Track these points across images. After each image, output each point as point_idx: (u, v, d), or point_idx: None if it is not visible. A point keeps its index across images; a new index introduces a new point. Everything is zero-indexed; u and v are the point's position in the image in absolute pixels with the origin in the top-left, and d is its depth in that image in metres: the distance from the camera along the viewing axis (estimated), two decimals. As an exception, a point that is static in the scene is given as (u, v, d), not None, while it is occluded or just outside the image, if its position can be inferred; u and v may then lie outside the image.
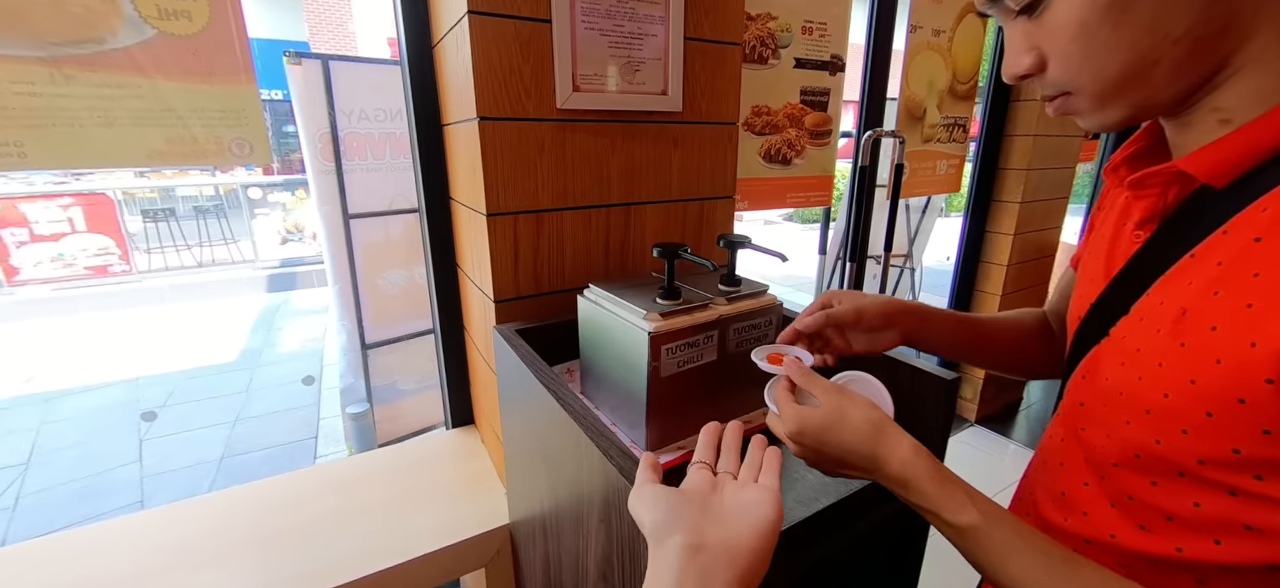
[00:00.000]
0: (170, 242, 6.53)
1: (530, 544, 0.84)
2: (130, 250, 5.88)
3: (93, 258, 5.66)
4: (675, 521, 0.35)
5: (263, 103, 1.01)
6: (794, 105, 1.62)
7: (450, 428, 1.22)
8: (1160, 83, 0.36)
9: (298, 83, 1.52)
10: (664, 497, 0.37)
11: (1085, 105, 0.39)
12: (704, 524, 0.35)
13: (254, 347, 4.16)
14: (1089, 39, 0.36)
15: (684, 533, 0.34)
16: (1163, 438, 0.37)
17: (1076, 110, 0.40)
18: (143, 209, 6.70)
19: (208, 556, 0.87)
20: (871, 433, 0.44)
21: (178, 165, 0.98)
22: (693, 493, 0.38)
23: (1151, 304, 0.39)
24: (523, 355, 0.71)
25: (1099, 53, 0.36)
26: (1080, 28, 0.36)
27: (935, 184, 2.24)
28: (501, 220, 0.82)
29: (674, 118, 0.92)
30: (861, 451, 0.44)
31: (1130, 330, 0.41)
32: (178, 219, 6.72)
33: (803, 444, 0.47)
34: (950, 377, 0.65)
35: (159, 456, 2.78)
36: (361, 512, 0.96)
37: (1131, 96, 0.37)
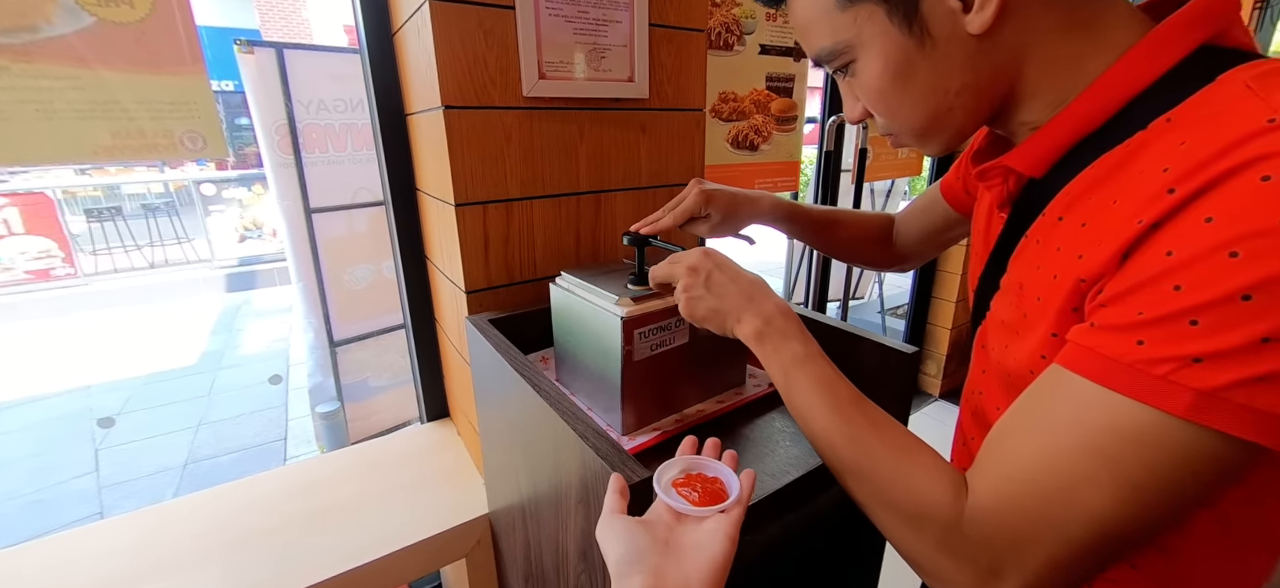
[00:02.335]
0: (118, 242, 6.20)
1: (510, 532, 0.85)
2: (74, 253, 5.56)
3: (33, 261, 5.34)
4: (637, 561, 0.36)
5: (214, 94, 0.97)
6: (760, 91, 1.64)
7: (425, 422, 1.21)
8: (961, 122, 0.44)
9: (251, 72, 1.46)
10: (628, 534, 0.38)
11: (908, 142, 0.48)
12: (663, 566, 0.36)
13: (215, 349, 4.00)
14: (888, 99, 0.44)
15: (644, 576, 0.35)
16: None
17: (905, 145, 0.49)
18: (86, 209, 6.33)
19: (175, 563, 0.84)
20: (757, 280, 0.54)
21: (127, 160, 0.94)
22: (655, 528, 0.39)
23: (1008, 280, 0.45)
24: (496, 345, 0.71)
25: (900, 109, 0.44)
26: (879, 92, 0.43)
27: (897, 168, 2.30)
28: (470, 210, 0.81)
29: (641, 105, 0.92)
30: (754, 278, 0.53)
31: (999, 304, 0.46)
32: (125, 218, 6.38)
33: (711, 259, 0.54)
34: (911, 351, 0.68)
35: (117, 464, 2.67)
36: (336, 509, 0.95)
37: (941, 135, 0.45)
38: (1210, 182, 0.28)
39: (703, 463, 0.46)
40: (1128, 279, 0.31)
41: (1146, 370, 0.29)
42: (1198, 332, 0.28)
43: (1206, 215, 0.28)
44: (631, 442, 0.65)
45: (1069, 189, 0.39)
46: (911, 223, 0.76)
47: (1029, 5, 0.38)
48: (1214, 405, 0.28)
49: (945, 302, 2.63)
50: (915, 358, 0.68)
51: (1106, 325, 0.32)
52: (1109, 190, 0.35)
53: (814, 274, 2.13)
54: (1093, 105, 0.37)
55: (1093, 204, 0.36)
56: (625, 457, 0.47)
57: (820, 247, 0.80)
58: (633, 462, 0.46)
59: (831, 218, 0.78)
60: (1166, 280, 0.29)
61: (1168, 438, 0.29)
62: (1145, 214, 0.30)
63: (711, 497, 0.42)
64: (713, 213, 0.68)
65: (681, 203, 0.68)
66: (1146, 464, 0.30)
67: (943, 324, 2.66)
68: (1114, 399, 0.31)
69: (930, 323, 2.71)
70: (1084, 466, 0.31)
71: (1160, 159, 0.31)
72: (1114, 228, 0.32)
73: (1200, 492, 0.30)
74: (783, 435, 0.68)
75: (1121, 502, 0.31)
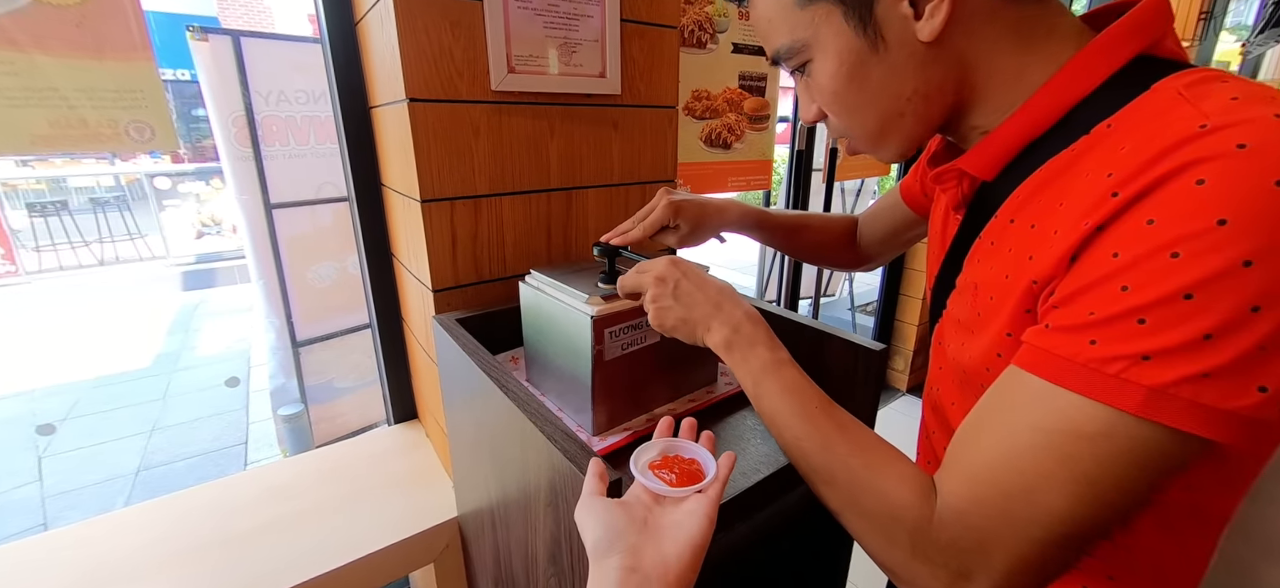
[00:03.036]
0: (64, 239, 5.87)
1: (480, 536, 0.83)
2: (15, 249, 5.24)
3: (-33, 258, 5.01)
4: (615, 541, 0.36)
5: (168, 84, 0.93)
6: (733, 90, 1.65)
7: (392, 424, 1.18)
8: (912, 127, 0.44)
9: (205, 61, 1.39)
10: (606, 515, 0.38)
11: (862, 146, 0.48)
12: (641, 546, 0.36)
13: (170, 350, 3.83)
14: (841, 101, 0.44)
15: (622, 555, 0.35)
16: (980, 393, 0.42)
17: (857, 150, 0.49)
18: (28, 203, 5.97)
19: (127, 574, 0.80)
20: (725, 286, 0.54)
21: (68, 151, 0.88)
22: (634, 509, 0.39)
23: (964, 279, 0.46)
24: (464, 345, 0.69)
25: (853, 111, 0.44)
26: (834, 93, 0.44)
27: (867, 168, 2.35)
28: (437, 207, 0.79)
29: (613, 101, 0.91)
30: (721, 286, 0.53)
31: (954, 303, 0.47)
32: (72, 213, 6.04)
33: (678, 268, 0.54)
34: (879, 348, 0.69)
35: (63, 473, 2.52)
36: (300, 515, 0.92)
37: (893, 140, 0.46)
38: (1150, 185, 0.29)
39: (680, 445, 0.46)
40: (1077, 280, 0.32)
41: (1100, 369, 0.30)
42: (1145, 330, 0.29)
43: (1148, 218, 0.29)
44: (603, 442, 0.65)
45: (1019, 192, 0.40)
46: (874, 224, 0.78)
47: (976, 16, 0.39)
48: (1163, 402, 0.29)
49: (912, 299, 2.70)
50: (884, 355, 0.69)
51: (1059, 326, 0.33)
52: (1055, 192, 0.36)
53: (786, 273, 2.15)
54: (1038, 111, 0.39)
55: (1040, 206, 0.37)
56: (594, 459, 0.46)
57: (788, 251, 0.81)
58: (602, 464, 0.46)
59: (797, 223, 0.79)
60: (1114, 281, 0.30)
61: (1121, 434, 0.30)
62: (1091, 216, 0.31)
63: (689, 478, 0.42)
64: (681, 223, 0.68)
65: (650, 214, 0.68)
66: (1101, 461, 0.30)
67: (910, 321, 2.73)
68: (1069, 398, 0.31)
69: (898, 319, 2.78)
70: (1043, 464, 0.32)
71: (1103, 163, 0.33)
72: (1062, 229, 0.33)
73: (1152, 485, 0.31)
74: (753, 434, 0.69)
75: (1079, 499, 0.31)
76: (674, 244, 0.69)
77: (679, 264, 0.55)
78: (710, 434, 0.47)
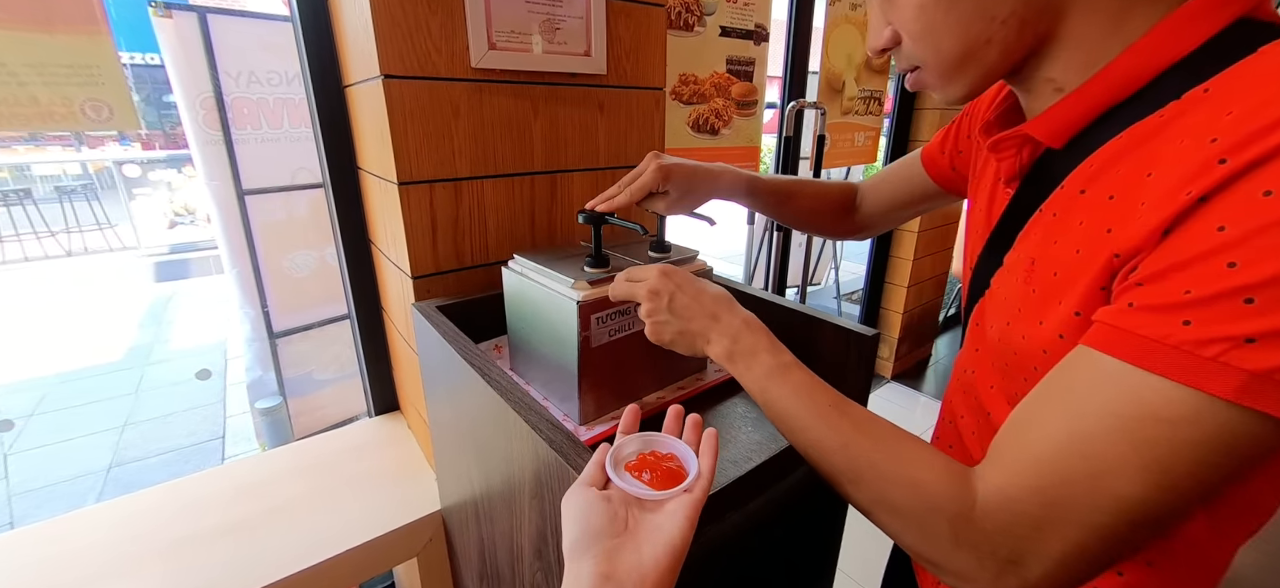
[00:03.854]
0: (28, 228, 5.65)
1: (464, 530, 0.81)
2: (-25, 239, 5.04)
3: (-76, 249, 4.79)
4: (591, 542, 0.35)
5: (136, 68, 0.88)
6: (721, 74, 1.62)
7: (373, 416, 1.14)
8: (993, 60, 0.41)
9: (169, 39, 1.32)
10: (588, 511, 0.37)
11: (932, 79, 0.44)
12: (618, 549, 0.35)
13: (143, 343, 3.71)
14: (928, 19, 0.41)
15: (596, 560, 0.34)
16: (1030, 376, 0.40)
17: (926, 84, 0.45)
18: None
19: (101, 572, 0.76)
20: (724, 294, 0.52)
21: (19, 130, 0.83)
22: (616, 507, 0.37)
23: (1015, 256, 0.44)
24: (444, 332, 0.66)
25: (938, 32, 0.41)
26: (920, 9, 0.41)
27: (854, 155, 2.35)
28: (415, 190, 0.76)
29: (598, 81, 0.88)
30: (717, 294, 0.51)
31: (1001, 282, 0.45)
32: (36, 202, 5.82)
33: (671, 280, 0.51)
34: (870, 333, 0.68)
35: (29, 471, 2.44)
36: (279, 509, 0.88)
37: (969, 72, 0.42)
38: (1267, 153, 0.27)
39: (660, 440, 0.43)
40: (1171, 255, 0.29)
41: (1194, 352, 0.28)
42: (1253, 310, 0.27)
43: (1265, 189, 0.27)
44: (589, 432, 0.63)
45: (1093, 160, 0.37)
46: (880, 190, 0.75)
47: None
48: (1265, 387, 0.27)
49: (897, 287, 2.72)
50: (875, 340, 0.68)
51: (1146, 305, 0.30)
52: (1139, 161, 0.33)
53: (773, 261, 2.15)
54: (1122, 73, 0.36)
55: (1121, 176, 0.35)
56: (581, 449, 0.45)
57: (780, 217, 0.78)
58: (587, 453, 0.44)
59: (791, 188, 0.77)
60: (1219, 257, 0.28)
61: (1208, 421, 0.28)
62: (1192, 186, 0.29)
63: (669, 477, 0.40)
64: (671, 188, 0.64)
65: (638, 178, 0.64)
66: (1180, 447, 0.29)
67: (895, 309, 2.75)
68: (1150, 380, 0.29)
69: (883, 307, 2.80)
70: (1114, 450, 0.30)
71: (1205, 129, 0.30)
72: (1153, 201, 0.31)
73: (1233, 473, 0.29)
74: (743, 421, 0.67)
75: (1152, 485, 0.29)
76: (663, 210, 0.66)
77: (672, 275, 0.52)
78: (696, 418, 0.45)
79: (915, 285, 2.71)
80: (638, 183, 0.63)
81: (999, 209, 0.48)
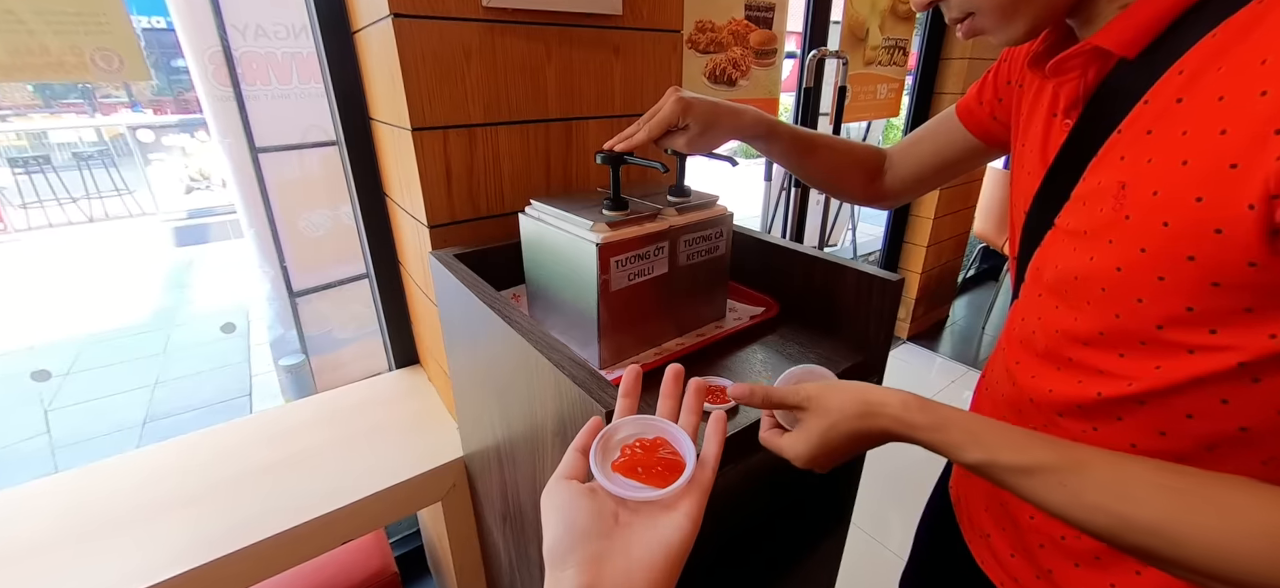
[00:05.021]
0: (50, 195, 5.74)
1: (486, 474, 0.83)
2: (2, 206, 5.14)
3: (-47, 216, 4.91)
4: (574, 548, 0.30)
5: (147, 33, 0.87)
6: (739, 21, 1.56)
7: (393, 369, 1.16)
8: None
9: (176, -10, 1.30)
10: (570, 508, 0.32)
11: (990, 22, 0.42)
12: (605, 554, 0.30)
13: (168, 305, 3.80)
14: None
15: (577, 570, 0.29)
16: (1122, 311, 0.38)
17: (982, 29, 0.42)
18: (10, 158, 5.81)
19: (137, 513, 0.80)
20: (860, 412, 0.42)
21: (32, 79, 0.83)
22: (603, 500, 0.33)
23: (1090, 186, 0.40)
24: (463, 279, 0.66)
25: None
26: None
27: (876, 108, 2.27)
28: (429, 136, 0.74)
29: (614, 22, 0.85)
30: (859, 432, 0.42)
31: (1074, 215, 0.41)
32: (56, 169, 5.89)
33: (816, 460, 0.44)
34: (896, 278, 0.66)
35: (70, 425, 2.54)
36: (307, 456, 0.91)
37: (1028, 11, 0.40)
38: None
39: (654, 424, 0.37)
40: None
41: None
42: None
43: None
44: (609, 376, 0.63)
45: (1183, 64, 0.34)
46: (913, 151, 0.70)
47: None
48: None
49: (917, 247, 2.67)
50: (898, 286, 0.67)
51: None
52: (1248, 52, 0.31)
53: (790, 218, 2.11)
54: None
55: (1228, 73, 0.32)
56: (604, 384, 0.44)
57: (801, 172, 0.74)
58: (613, 390, 0.43)
59: (816, 141, 0.72)
60: None
61: None
62: None
63: (665, 470, 0.34)
64: (691, 124, 0.62)
65: (657, 113, 0.61)
66: None
67: (913, 269, 2.71)
68: None
69: (902, 267, 2.76)
70: None
71: None
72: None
73: None
74: (764, 368, 0.67)
75: None
76: (682, 147, 0.63)
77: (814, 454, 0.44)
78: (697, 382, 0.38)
79: (935, 245, 2.65)
80: (657, 118, 0.61)
81: (1056, 145, 0.45)
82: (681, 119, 0.61)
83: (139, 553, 0.73)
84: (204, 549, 0.73)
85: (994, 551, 0.54)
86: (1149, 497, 0.32)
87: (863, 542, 1.61)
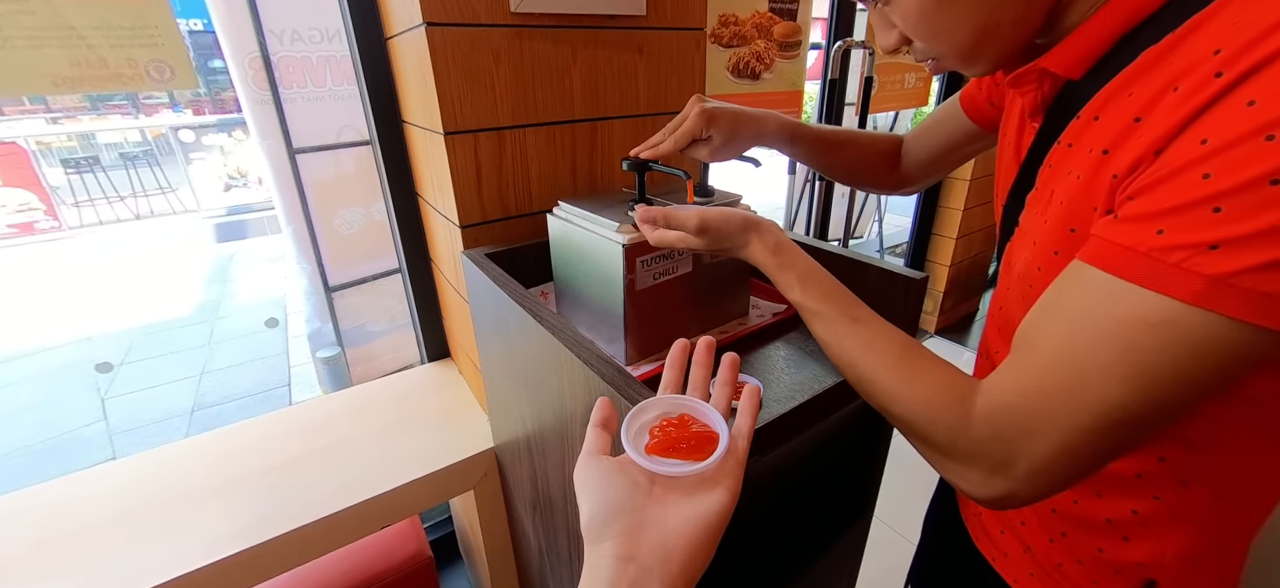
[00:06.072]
0: (100, 194, 6.04)
1: (516, 464, 0.86)
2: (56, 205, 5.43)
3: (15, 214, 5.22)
4: (610, 523, 0.31)
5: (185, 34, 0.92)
6: (763, 14, 1.55)
7: (425, 363, 1.21)
8: (1009, 35, 0.40)
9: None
10: (605, 484, 0.32)
11: (954, 65, 0.44)
12: (640, 526, 0.31)
13: (211, 299, 3.98)
14: (930, 22, 0.41)
15: (615, 542, 0.30)
16: None
17: (949, 68, 0.45)
18: (62, 159, 6.13)
19: (189, 498, 0.86)
20: (744, 224, 0.51)
21: (92, 91, 0.89)
22: (637, 475, 0.33)
23: (1036, 192, 0.43)
24: (495, 278, 0.69)
25: (944, 29, 0.41)
26: (920, 15, 0.41)
27: (903, 98, 2.22)
28: (460, 140, 0.77)
29: (638, 22, 0.86)
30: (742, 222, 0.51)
31: (1026, 217, 0.44)
32: (104, 169, 6.19)
33: (707, 222, 0.51)
34: (919, 276, 0.66)
35: (125, 412, 2.70)
36: (344, 446, 0.96)
37: (989, 52, 0.42)
38: (1260, 62, 0.26)
39: (686, 403, 0.37)
40: (1159, 170, 0.30)
41: (1161, 258, 0.29)
42: (1219, 219, 0.27)
43: (1249, 99, 0.26)
44: (634, 373, 0.65)
45: (1108, 87, 0.36)
46: (923, 140, 0.72)
47: None
48: (1222, 291, 0.27)
49: (945, 238, 2.61)
50: (923, 284, 0.67)
51: (1128, 216, 0.31)
52: (1149, 81, 0.33)
53: (814, 212, 2.09)
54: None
55: (1130, 99, 0.34)
56: (630, 380, 0.46)
57: (824, 169, 0.76)
58: (639, 386, 0.45)
59: (838, 138, 0.74)
60: (1196, 169, 0.28)
61: (1178, 325, 0.29)
62: (1187, 103, 0.29)
63: (698, 444, 0.34)
64: (714, 134, 0.63)
65: (682, 124, 0.63)
66: (1158, 351, 0.30)
67: (942, 261, 2.65)
68: (1126, 288, 0.31)
69: (929, 259, 2.70)
70: (1099, 355, 0.32)
71: (1212, 40, 0.29)
72: (1151, 119, 0.31)
73: (1213, 379, 0.30)
74: (787, 363, 0.68)
75: (1133, 389, 0.31)
76: (706, 157, 0.65)
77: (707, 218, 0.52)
78: (731, 356, 0.40)
79: (964, 237, 2.59)
80: (682, 129, 0.63)
81: (1027, 144, 0.47)
82: (705, 130, 0.63)
83: (191, 536, 0.79)
84: (251, 533, 0.78)
85: (984, 527, 0.56)
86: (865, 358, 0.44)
87: (884, 534, 1.60)
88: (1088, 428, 0.32)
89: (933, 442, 0.40)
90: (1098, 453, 0.33)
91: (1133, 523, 0.43)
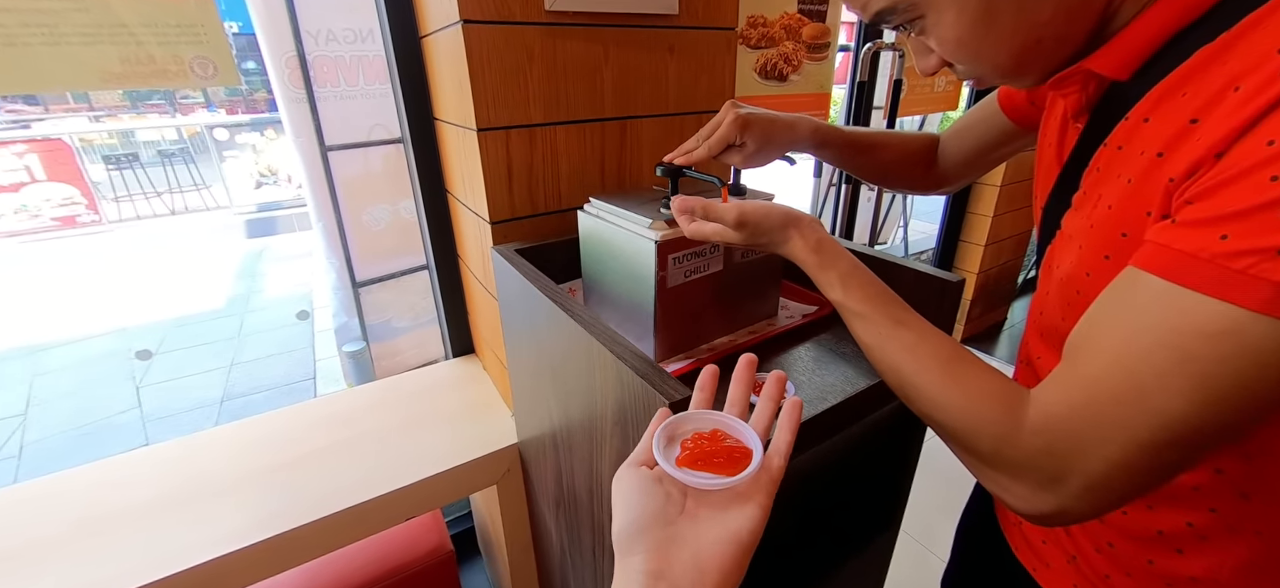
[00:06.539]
0: (138, 189, 6.26)
1: (540, 460, 0.86)
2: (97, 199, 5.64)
3: (58, 208, 5.44)
4: (640, 536, 0.30)
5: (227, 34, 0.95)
6: (791, 15, 1.54)
7: (450, 358, 1.22)
8: (1051, 50, 0.39)
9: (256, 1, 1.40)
10: (639, 496, 0.32)
11: (997, 82, 0.44)
12: (672, 541, 0.31)
13: (241, 293, 4.09)
14: (970, 47, 0.40)
15: (645, 555, 0.30)
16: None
17: (993, 85, 0.45)
18: (104, 156, 6.37)
19: (220, 485, 0.88)
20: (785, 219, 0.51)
21: (138, 87, 0.92)
22: (671, 490, 0.33)
23: (1082, 194, 0.42)
24: (525, 273, 0.69)
25: (985, 52, 0.40)
26: (958, 42, 0.40)
27: (933, 102, 2.18)
28: (492, 136, 0.78)
29: (670, 22, 0.86)
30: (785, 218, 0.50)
31: (1069, 220, 0.43)
32: (143, 165, 6.42)
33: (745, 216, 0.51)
34: (956, 279, 0.65)
35: (158, 401, 2.79)
36: (369, 438, 0.97)
37: (1034, 67, 0.41)
38: None
39: (710, 417, 0.37)
40: (1222, 173, 0.29)
41: (1225, 264, 0.28)
42: None
43: None
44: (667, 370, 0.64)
45: (1159, 88, 0.35)
46: (960, 139, 0.71)
47: None
48: None
49: (973, 246, 2.56)
50: (959, 287, 0.65)
51: (1188, 221, 0.30)
52: (1204, 81, 0.32)
53: (840, 217, 2.06)
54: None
55: (1185, 99, 0.33)
56: (665, 376, 0.46)
57: (857, 170, 0.75)
58: (673, 382, 0.45)
59: (871, 140, 0.73)
60: (1263, 171, 0.27)
61: (1242, 334, 0.28)
62: (1250, 104, 0.28)
63: (730, 459, 0.34)
64: (748, 140, 0.63)
65: (716, 131, 0.63)
66: (1219, 361, 0.28)
67: (970, 268, 2.60)
68: (1188, 296, 0.29)
69: (957, 267, 2.65)
70: (1156, 365, 0.30)
71: (1274, 38, 0.28)
72: (1211, 120, 0.30)
73: (1277, 391, 0.28)
74: (816, 366, 0.67)
75: (1193, 402, 0.29)
76: (739, 163, 0.65)
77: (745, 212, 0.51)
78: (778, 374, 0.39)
79: (993, 244, 2.54)
80: (716, 136, 0.62)
81: (1069, 145, 0.45)
82: (739, 137, 0.62)
83: (219, 522, 0.80)
84: (275, 522, 0.80)
85: (1026, 537, 0.54)
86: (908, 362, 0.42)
87: (912, 548, 1.57)
88: (1145, 443, 0.31)
89: (977, 452, 0.39)
90: (1156, 469, 0.32)
91: (1188, 536, 0.41)
